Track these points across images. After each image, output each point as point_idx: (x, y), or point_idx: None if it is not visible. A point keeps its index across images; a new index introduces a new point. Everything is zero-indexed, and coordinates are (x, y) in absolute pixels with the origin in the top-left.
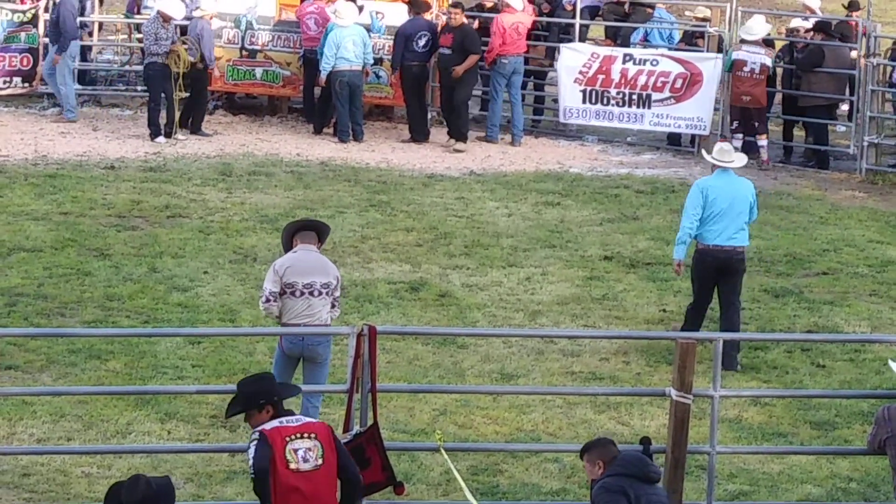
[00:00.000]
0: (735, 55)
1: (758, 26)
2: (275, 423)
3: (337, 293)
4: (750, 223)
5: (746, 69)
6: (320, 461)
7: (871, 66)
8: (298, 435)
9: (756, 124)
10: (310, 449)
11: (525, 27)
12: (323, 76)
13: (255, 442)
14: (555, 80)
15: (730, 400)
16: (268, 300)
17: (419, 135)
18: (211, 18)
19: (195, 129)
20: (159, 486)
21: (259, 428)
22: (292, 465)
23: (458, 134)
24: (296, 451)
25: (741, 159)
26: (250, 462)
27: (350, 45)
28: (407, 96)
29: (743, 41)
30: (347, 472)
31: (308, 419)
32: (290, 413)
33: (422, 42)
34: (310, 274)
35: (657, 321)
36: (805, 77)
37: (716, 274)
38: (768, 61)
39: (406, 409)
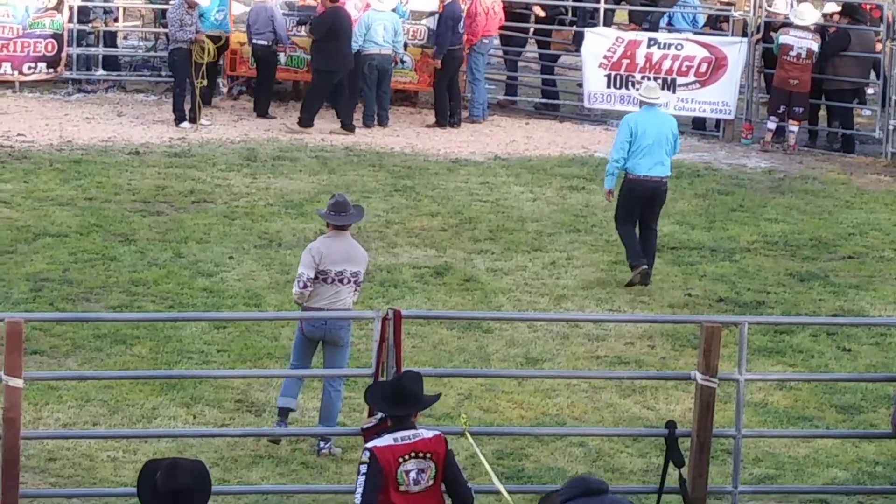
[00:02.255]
0: (782, 39)
1: (809, 12)
2: (389, 439)
3: (361, 277)
4: (671, 156)
5: (793, 53)
6: (431, 482)
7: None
8: (413, 454)
9: (798, 110)
10: (422, 470)
11: (500, 7)
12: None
13: (364, 466)
14: (574, 65)
15: (755, 384)
16: (305, 286)
17: (445, 119)
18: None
19: (261, 112)
20: (195, 474)
21: (371, 445)
22: (402, 488)
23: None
24: (408, 472)
25: (665, 96)
26: (358, 492)
27: (380, 30)
28: (441, 80)
29: (791, 25)
30: (459, 486)
31: (423, 435)
32: (409, 427)
33: (461, 25)
34: (343, 262)
35: (682, 305)
36: (830, 61)
37: (642, 202)
38: (815, 46)
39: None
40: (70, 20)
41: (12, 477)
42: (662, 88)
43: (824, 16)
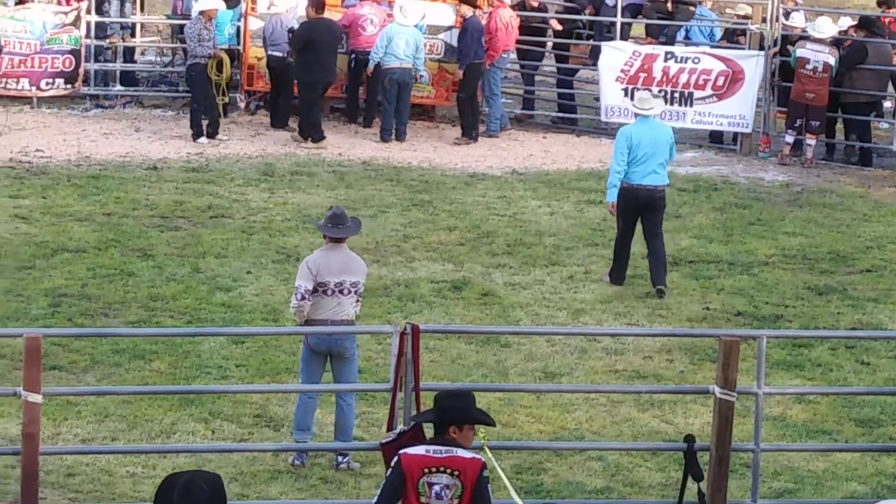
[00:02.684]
0: (799, 52)
1: (827, 25)
2: (421, 449)
3: (361, 288)
4: (668, 162)
5: (809, 67)
6: (455, 501)
7: None
8: (441, 468)
9: (815, 123)
10: (447, 486)
11: (517, 21)
12: (371, 66)
13: (390, 471)
14: (591, 79)
15: (774, 397)
16: (303, 297)
17: (471, 132)
18: (288, 12)
19: (280, 124)
20: (211, 495)
21: (403, 451)
22: (423, 499)
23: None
24: (431, 485)
25: (659, 106)
26: (377, 493)
27: (402, 44)
28: (469, 93)
29: (808, 38)
30: None
31: (459, 453)
32: (447, 442)
33: (483, 39)
34: (342, 273)
35: (700, 319)
36: (847, 74)
37: (640, 210)
38: (832, 60)
39: None
40: (88, 36)
41: (32, 492)
42: (679, 103)
43: (841, 31)
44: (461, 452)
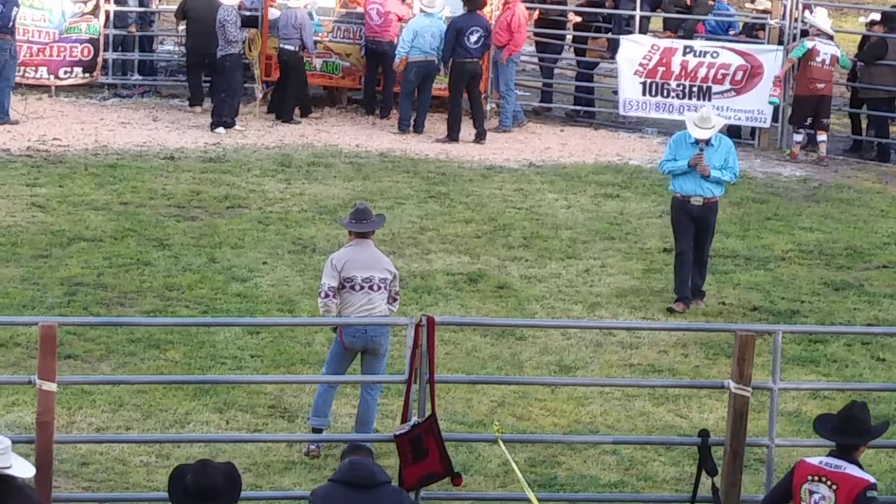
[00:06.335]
0: (808, 44)
1: (825, 19)
2: (816, 460)
3: (395, 286)
4: None
5: (819, 59)
6: None
7: None
8: (821, 478)
9: (826, 120)
10: (824, 497)
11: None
12: (397, 60)
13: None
14: (610, 73)
15: (789, 393)
16: (327, 295)
17: (455, 134)
18: (305, 7)
19: (285, 118)
20: (224, 474)
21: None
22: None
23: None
24: (812, 492)
25: (719, 122)
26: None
27: (428, 37)
28: (454, 93)
29: (818, 33)
30: None
31: (848, 471)
32: (841, 457)
33: (473, 38)
34: (368, 268)
35: (716, 313)
36: (866, 69)
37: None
38: (838, 52)
39: (464, 401)
40: (106, 25)
41: (45, 481)
42: (697, 98)
43: (871, 24)
44: (851, 471)
